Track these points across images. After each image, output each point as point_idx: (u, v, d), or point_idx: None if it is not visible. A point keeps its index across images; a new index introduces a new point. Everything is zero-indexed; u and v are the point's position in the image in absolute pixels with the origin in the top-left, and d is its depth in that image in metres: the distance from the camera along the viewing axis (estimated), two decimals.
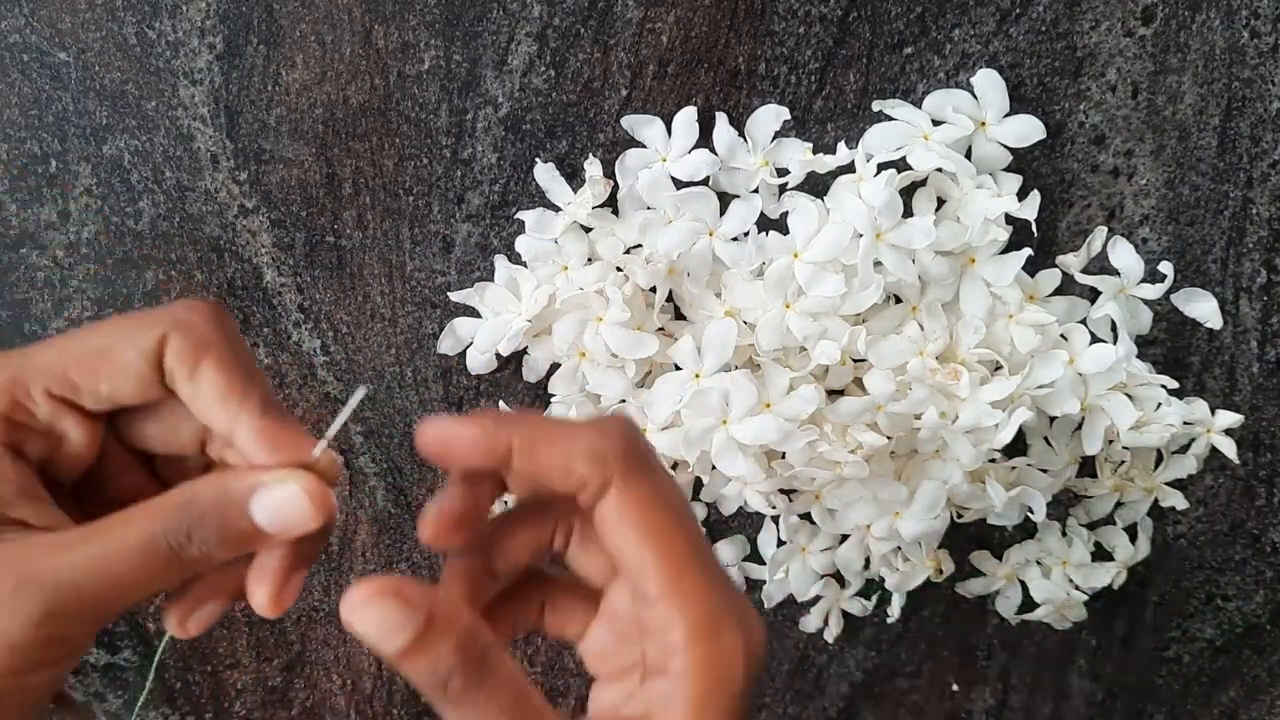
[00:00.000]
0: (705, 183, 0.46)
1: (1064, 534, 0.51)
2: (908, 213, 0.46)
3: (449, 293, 0.48)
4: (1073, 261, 0.48)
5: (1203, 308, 0.49)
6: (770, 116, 0.46)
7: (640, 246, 0.47)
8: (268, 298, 0.49)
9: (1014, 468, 0.48)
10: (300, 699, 0.52)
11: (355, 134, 0.48)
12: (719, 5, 0.47)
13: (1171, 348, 0.50)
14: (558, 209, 0.47)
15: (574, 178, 0.48)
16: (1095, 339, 0.48)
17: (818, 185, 0.47)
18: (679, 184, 0.46)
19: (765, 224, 0.47)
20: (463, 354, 0.49)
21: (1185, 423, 0.48)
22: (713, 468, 0.46)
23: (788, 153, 0.47)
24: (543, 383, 0.49)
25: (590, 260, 0.47)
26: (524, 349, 0.48)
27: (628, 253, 0.47)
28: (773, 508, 0.48)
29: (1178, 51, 0.48)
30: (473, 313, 0.48)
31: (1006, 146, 0.47)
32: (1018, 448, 0.49)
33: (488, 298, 0.48)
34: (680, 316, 0.48)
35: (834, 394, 0.47)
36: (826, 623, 0.52)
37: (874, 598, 0.52)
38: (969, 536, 0.52)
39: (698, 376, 0.45)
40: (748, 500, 0.48)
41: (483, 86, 0.47)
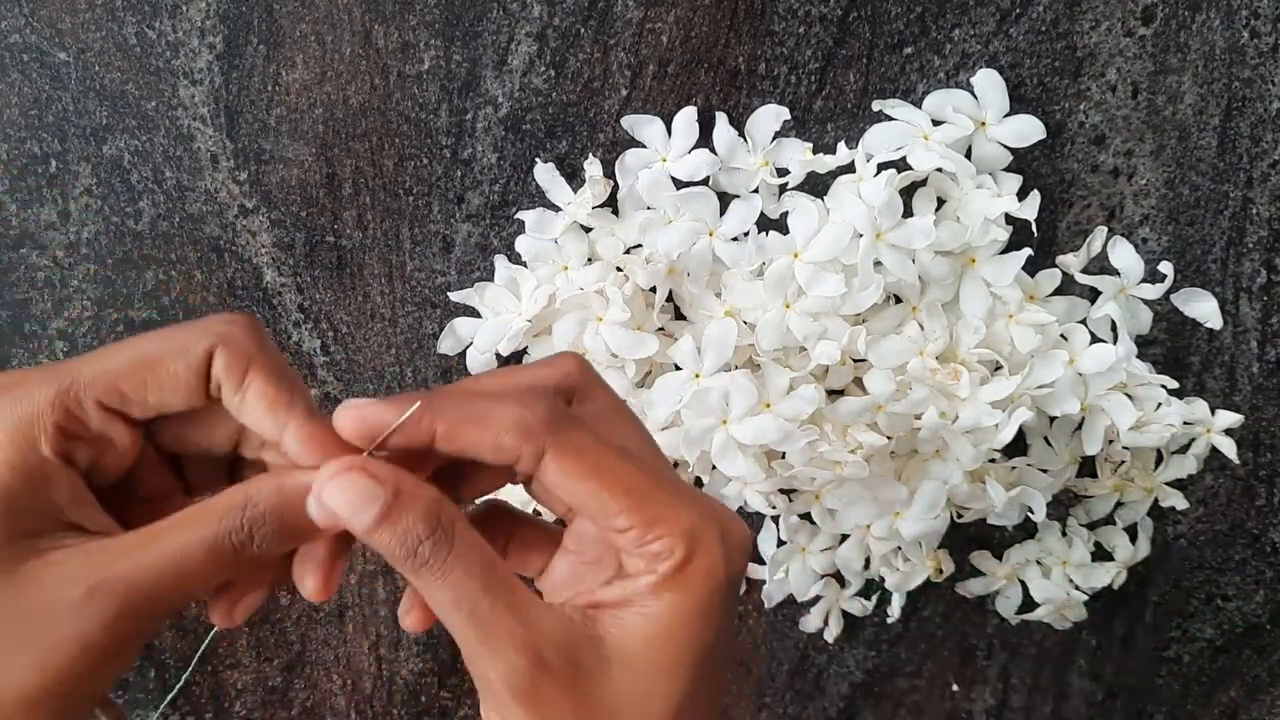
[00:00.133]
0: (705, 183, 0.46)
1: (1064, 534, 0.51)
2: (908, 213, 0.46)
3: (449, 293, 0.48)
4: (1073, 261, 0.48)
5: (1203, 308, 0.49)
6: (770, 116, 0.46)
7: (640, 246, 0.47)
8: (268, 298, 0.49)
9: (1014, 468, 0.48)
10: (300, 699, 0.52)
11: (355, 134, 0.48)
12: (719, 5, 0.47)
13: (1171, 348, 0.50)
14: (558, 209, 0.47)
15: (574, 178, 0.48)
16: (1095, 339, 0.48)
17: (818, 185, 0.47)
18: (679, 184, 0.46)
19: (765, 224, 0.47)
20: (463, 354, 0.49)
21: (1185, 423, 0.48)
22: (713, 468, 0.46)
23: (788, 153, 0.47)
24: None
25: (590, 260, 0.47)
26: (524, 349, 0.48)
27: (628, 253, 0.47)
28: (773, 508, 0.48)
29: (1178, 51, 0.48)
30: (473, 313, 0.48)
31: (1006, 146, 0.47)
32: (1018, 448, 0.49)
33: (488, 298, 0.48)
34: (680, 316, 0.48)
35: (834, 394, 0.47)
36: (826, 623, 0.52)
37: (874, 598, 0.52)
38: (969, 536, 0.52)
39: (698, 376, 0.45)
40: (748, 500, 0.48)
41: (483, 86, 0.47)
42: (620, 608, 0.28)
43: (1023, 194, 0.47)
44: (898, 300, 0.47)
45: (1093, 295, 0.49)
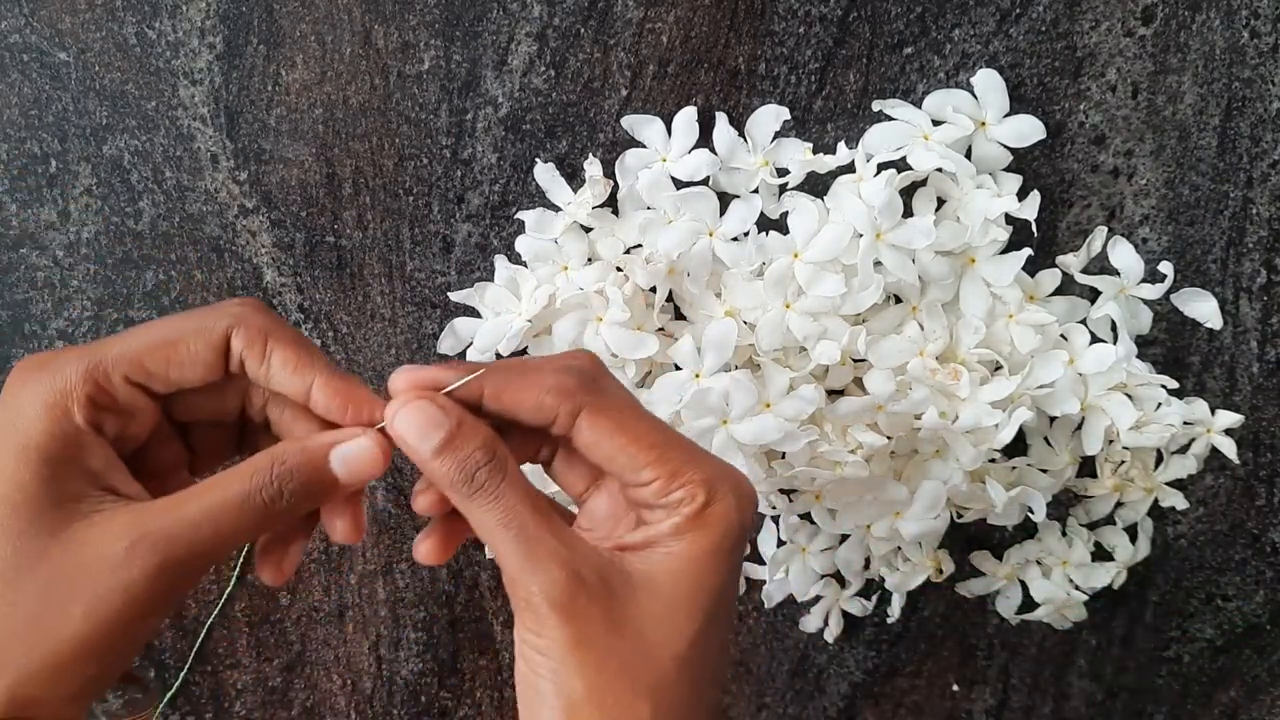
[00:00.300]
0: (705, 183, 0.46)
1: (1064, 534, 0.51)
2: (908, 213, 0.46)
3: (449, 293, 0.48)
4: (1073, 261, 0.48)
5: (1203, 308, 0.49)
6: (770, 116, 0.46)
7: (640, 246, 0.47)
8: (268, 298, 0.49)
9: (1014, 468, 0.48)
10: (300, 699, 0.52)
11: (355, 134, 0.48)
12: (719, 5, 0.47)
13: (1171, 348, 0.50)
14: (558, 209, 0.47)
15: (574, 178, 0.48)
16: (1095, 339, 0.48)
17: (818, 185, 0.47)
18: (679, 184, 0.46)
19: (765, 224, 0.47)
20: (463, 354, 0.49)
21: (1185, 423, 0.48)
22: None
23: (788, 153, 0.47)
24: None
25: (590, 260, 0.47)
26: (524, 349, 0.48)
27: (628, 253, 0.47)
28: (773, 508, 0.48)
29: (1178, 51, 0.48)
30: (473, 313, 0.48)
31: (1006, 146, 0.47)
32: (1018, 448, 0.49)
33: (488, 298, 0.48)
34: (680, 316, 0.48)
35: (834, 394, 0.47)
36: (826, 623, 0.52)
37: (874, 598, 0.52)
38: (969, 536, 0.52)
39: (698, 376, 0.45)
40: None
41: (483, 86, 0.47)
42: (645, 548, 0.31)
43: (1023, 194, 0.47)
44: (898, 300, 0.47)
45: (1093, 295, 0.49)
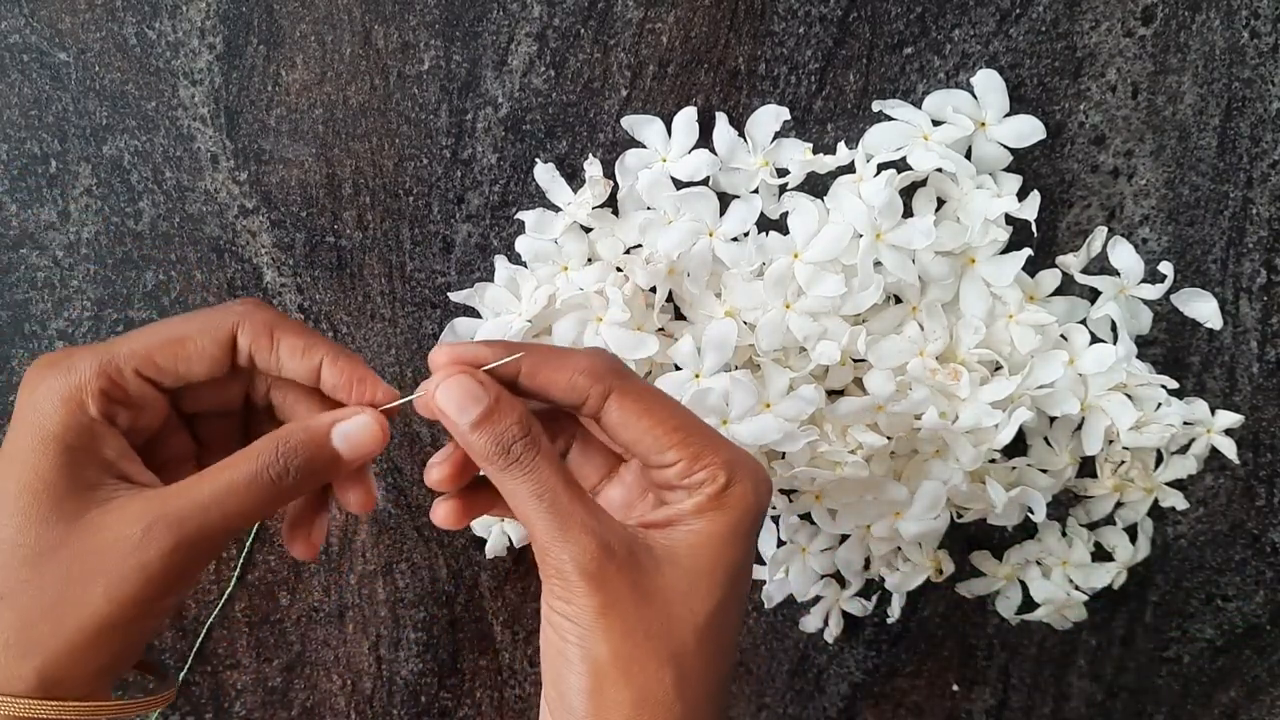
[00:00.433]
0: (705, 183, 0.46)
1: (1064, 534, 0.51)
2: (908, 213, 0.46)
3: (449, 293, 0.48)
4: (1073, 261, 0.48)
5: (1203, 308, 0.49)
6: (770, 116, 0.46)
7: (640, 247, 0.47)
8: (268, 298, 0.49)
9: (1014, 468, 0.48)
10: (300, 699, 0.52)
11: (355, 134, 0.48)
12: (719, 5, 0.47)
13: (1171, 348, 0.50)
14: (558, 209, 0.47)
15: (574, 178, 0.48)
16: (1095, 339, 0.48)
17: (818, 185, 0.47)
18: (679, 184, 0.46)
19: (765, 224, 0.47)
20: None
21: (1185, 423, 0.48)
22: None
23: (788, 153, 0.47)
24: None
25: (590, 260, 0.47)
26: None
27: (628, 253, 0.47)
28: (773, 508, 0.48)
29: (1178, 51, 0.48)
30: (473, 313, 0.48)
31: (1006, 146, 0.47)
32: (1018, 448, 0.49)
33: (488, 298, 0.48)
34: (680, 316, 0.48)
35: (834, 394, 0.47)
36: (826, 623, 0.52)
37: (874, 598, 0.52)
38: (969, 536, 0.52)
39: (698, 376, 0.45)
40: None
41: (483, 86, 0.47)
42: (667, 526, 0.32)
43: (1023, 194, 0.47)
44: (898, 300, 0.47)
45: (1093, 295, 0.49)
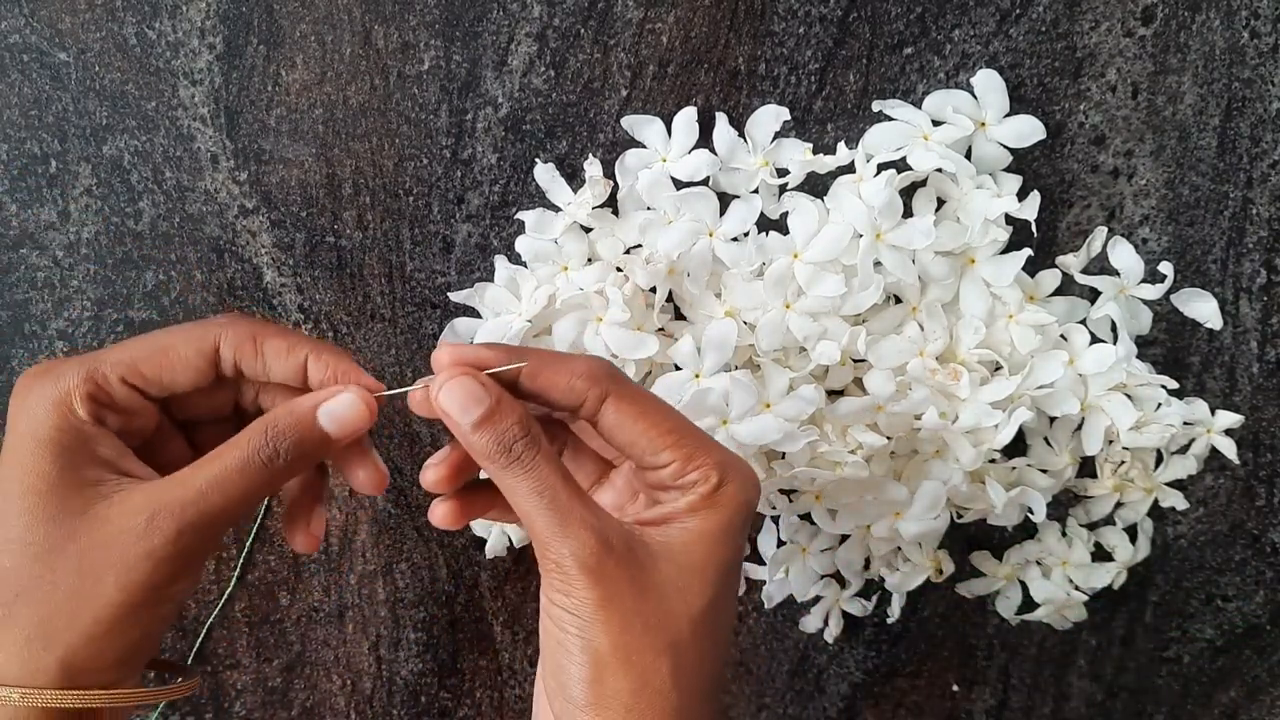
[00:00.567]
0: (705, 183, 0.46)
1: (1064, 534, 0.51)
2: (908, 213, 0.46)
3: (449, 293, 0.48)
4: (1073, 262, 0.48)
5: (1203, 308, 0.49)
6: (770, 117, 0.46)
7: (640, 247, 0.47)
8: (268, 298, 0.49)
9: (1014, 468, 0.48)
10: (300, 699, 0.52)
11: (355, 134, 0.48)
12: (719, 5, 0.47)
13: (1171, 348, 0.50)
14: (558, 209, 0.47)
15: (574, 178, 0.48)
16: (1095, 339, 0.48)
17: (818, 185, 0.47)
18: (679, 184, 0.46)
19: (765, 224, 0.47)
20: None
21: (1185, 423, 0.48)
22: None
23: (788, 153, 0.47)
24: None
25: (590, 260, 0.47)
26: None
27: (628, 253, 0.47)
28: (773, 508, 0.48)
29: (1178, 52, 0.48)
30: (473, 313, 0.48)
31: (1006, 147, 0.47)
32: (1018, 448, 0.49)
33: (488, 298, 0.48)
34: (680, 316, 0.48)
35: (834, 394, 0.47)
36: (826, 623, 0.52)
37: (874, 598, 0.52)
38: (969, 537, 0.52)
39: (698, 376, 0.45)
40: None
41: (483, 86, 0.47)
42: (662, 523, 0.33)
43: (1023, 194, 0.47)
44: (898, 300, 0.47)
45: (1093, 295, 0.49)
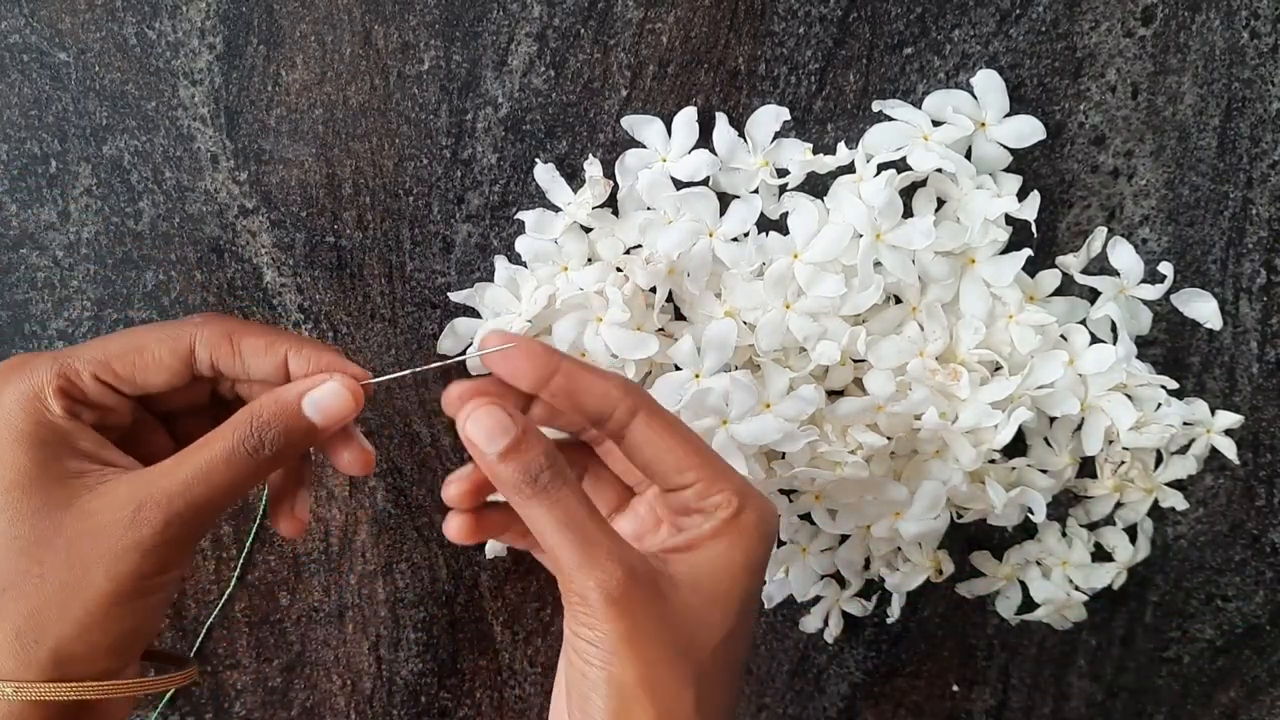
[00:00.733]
0: (705, 183, 0.46)
1: (1064, 534, 0.51)
2: (908, 213, 0.46)
3: (449, 293, 0.48)
4: (1073, 262, 0.48)
5: (1203, 308, 0.49)
6: (770, 117, 0.46)
7: (640, 247, 0.47)
8: (268, 298, 0.49)
9: (1014, 468, 0.48)
10: (300, 699, 0.52)
11: (355, 134, 0.48)
12: (719, 5, 0.47)
13: (1171, 348, 0.50)
14: (558, 209, 0.47)
15: (574, 178, 0.48)
16: (1095, 339, 0.48)
17: (818, 185, 0.47)
18: (679, 184, 0.46)
19: (765, 224, 0.47)
20: (462, 353, 0.49)
21: (1185, 423, 0.48)
22: None
23: (788, 153, 0.47)
24: None
25: (590, 261, 0.47)
26: None
27: (628, 253, 0.47)
28: None
29: (1178, 52, 0.48)
30: (473, 313, 0.48)
31: (1006, 147, 0.47)
32: (1018, 448, 0.49)
33: (488, 298, 0.48)
34: (680, 317, 0.48)
35: (834, 394, 0.47)
36: (826, 623, 0.52)
37: (874, 598, 0.52)
38: (969, 537, 0.52)
39: (698, 377, 0.45)
40: None
41: (483, 87, 0.47)
42: (686, 550, 0.34)
43: (1023, 194, 0.47)
44: (898, 300, 0.47)
45: (1093, 295, 0.49)
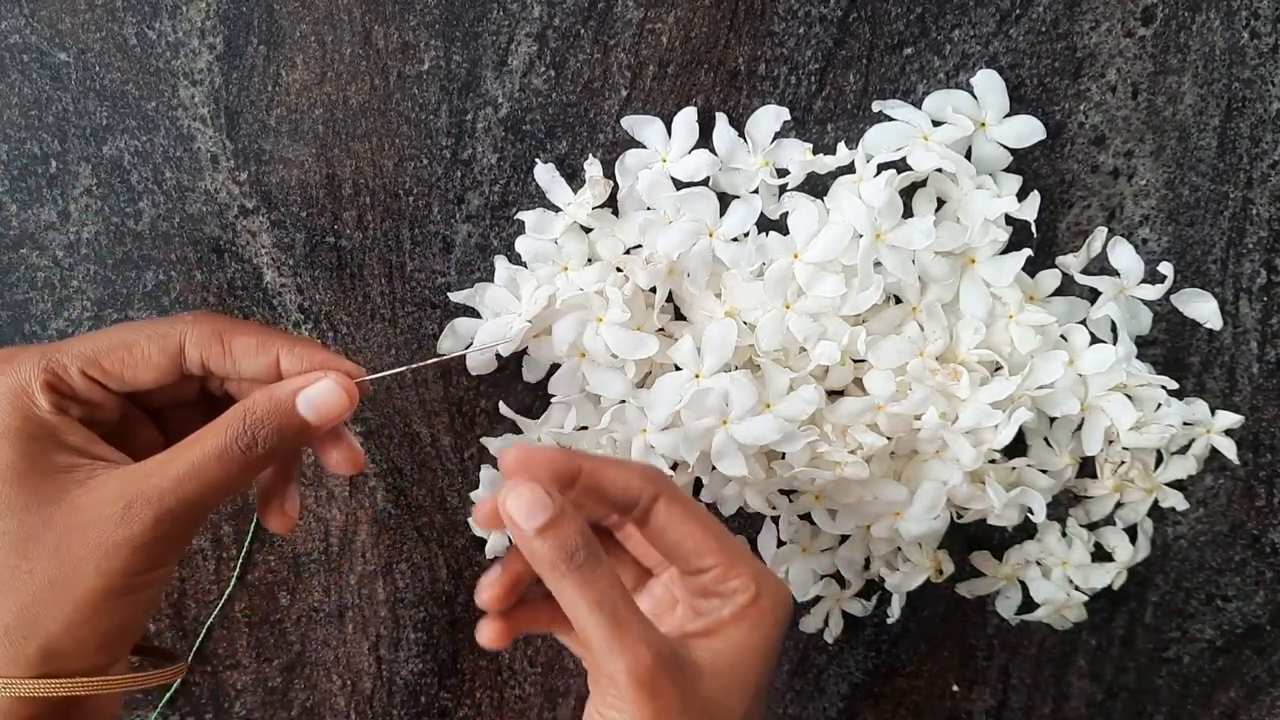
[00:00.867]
0: (705, 183, 0.46)
1: (1064, 535, 0.51)
2: (908, 213, 0.46)
3: (449, 293, 0.48)
4: (1073, 262, 0.48)
5: (1203, 308, 0.49)
6: (770, 117, 0.46)
7: (640, 247, 0.47)
8: (268, 298, 0.49)
9: (1014, 468, 0.48)
10: (300, 699, 0.52)
11: (355, 134, 0.48)
12: (719, 5, 0.47)
13: (1171, 348, 0.50)
14: (558, 209, 0.47)
15: (574, 178, 0.48)
16: (1095, 339, 0.48)
17: (818, 186, 0.47)
18: (679, 184, 0.46)
19: (765, 224, 0.47)
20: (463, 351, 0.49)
21: (1185, 423, 0.48)
22: (713, 468, 0.46)
23: (788, 153, 0.47)
24: (543, 383, 0.49)
25: (590, 261, 0.47)
26: (524, 349, 0.48)
27: (628, 253, 0.47)
28: (773, 508, 0.48)
29: (1178, 52, 0.48)
30: (473, 313, 0.48)
31: (1006, 147, 0.47)
32: (1018, 448, 0.49)
33: (488, 298, 0.48)
34: (680, 317, 0.48)
35: (834, 394, 0.47)
36: (826, 623, 0.52)
37: (874, 598, 0.52)
38: (969, 537, 0.52)
39: (698, 377, 0.45)
40: (748, 501, 0.48)
41: (483, 87, 0.47)
42: (707, 635, 0.35)
43: (1023, 194, 0.47)
44: (898, 300, 0.47)
45: (1093, 296, 0.49)
